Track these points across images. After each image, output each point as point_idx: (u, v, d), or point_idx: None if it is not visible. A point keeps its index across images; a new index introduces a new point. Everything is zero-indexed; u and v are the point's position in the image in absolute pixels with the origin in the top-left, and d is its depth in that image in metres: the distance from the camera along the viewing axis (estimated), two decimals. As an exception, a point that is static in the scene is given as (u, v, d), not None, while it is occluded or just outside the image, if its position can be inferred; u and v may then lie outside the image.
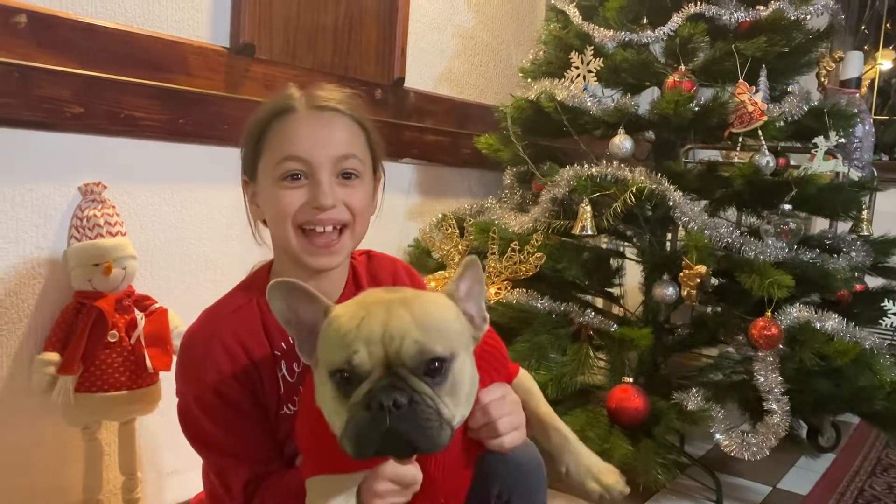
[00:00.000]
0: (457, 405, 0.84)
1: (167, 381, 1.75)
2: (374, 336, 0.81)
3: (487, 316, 0.95)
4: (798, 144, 2.35)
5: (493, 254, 2.21)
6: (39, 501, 1.66)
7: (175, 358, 1.74)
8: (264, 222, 1.18)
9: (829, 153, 2.16)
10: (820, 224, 3.03)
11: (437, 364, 0.81)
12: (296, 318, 0.92)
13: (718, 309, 2.31)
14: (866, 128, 2.45)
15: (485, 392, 0.97)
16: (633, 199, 2.05)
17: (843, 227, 2.55)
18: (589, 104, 2.23)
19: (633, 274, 2.60)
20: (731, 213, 2.56)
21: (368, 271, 1.21)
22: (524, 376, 1.09)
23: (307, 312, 0.91)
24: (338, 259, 1.11)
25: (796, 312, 2.04)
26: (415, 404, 0.79)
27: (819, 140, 2.13)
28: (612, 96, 2.33)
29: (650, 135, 2.49)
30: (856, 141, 2.42)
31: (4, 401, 1.59)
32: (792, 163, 2.50)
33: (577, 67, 2.27)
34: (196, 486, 1.95)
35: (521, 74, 2.58)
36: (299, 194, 1.07)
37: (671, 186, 2.08)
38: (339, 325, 0.85)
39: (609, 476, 0.94)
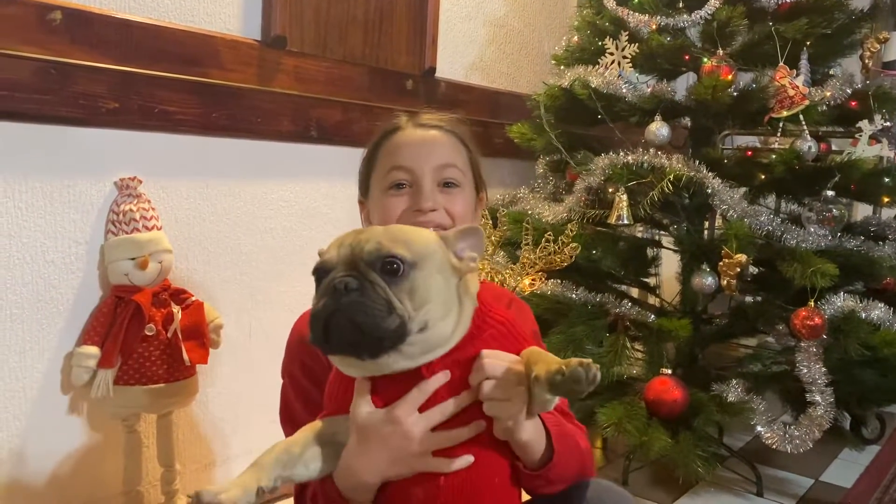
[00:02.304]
0: (416, 308, 0.85)
1: (204, 374, 1.77)
2: (346, 241, 0.89)
3: (477, 257, 0.95)
4: (841, 129, 2.29)
5: (527, 244, 2.17)
6: (81, 492, 1.69)
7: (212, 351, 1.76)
8: None
9: (874, 137, 2.10)
10: (863, 210, 2.95)
11: (395, 264, 0.86)
12: None
13: (758, 298, 2.27)
14: (912, 111, 2.37)
15: (489, 353, 0.92)
16: (671, 187, 2.01)
17: (888, 213, 2.48)
18: (624, 91, 2.19)
19: (669, 263, 2.56)
20: (771, 200, 2.50)
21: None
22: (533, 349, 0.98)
23: None
24: None
25: (840, 302, 1.99)
26: (365, 289, 0.84)
27: (863, 124, 2.08)
28: (647, 82, 2.29)
29: (687, 121, 2.44)
30: (901, 124, 2.35)
31: (46, 393, 1.62)
32: (834, 148, 2.43)
33: (612, 53, 2.23)
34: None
35: (553, 62, 2.54)
36: (403, 200, 1.14)
37: (709, 174, 2.04)
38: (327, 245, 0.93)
39: (577, 361, 0.82)
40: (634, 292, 2.67)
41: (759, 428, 1.98)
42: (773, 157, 2.11)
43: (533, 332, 1.18)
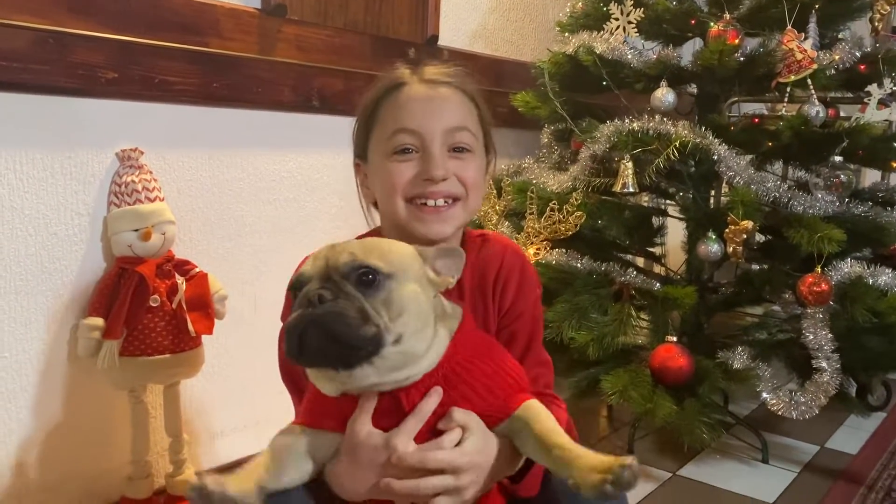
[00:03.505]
0: (394, 320, 0.84)
1: (209, 344, 1.77)
2: (321, 255, 0.89)
3: (454, 279, 0.94)
4: (849, 94, 2.26)
5: (532, 214, 2.17)
6: (89, 462, 1.70)
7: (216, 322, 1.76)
8: (376, 206, 1.15)
9: (882, 102, 2.07)
10: (871, 176, 2.93)
11: (370, 276, 0.85)
12: None
13: (765, 266, 2.26)
14: (922, 75, 2.34)
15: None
16: (676, 155, 1.99)
17: (897, 179, 2.45)
18: (629, 57, 2.17)
19: (674, 232, 2.55)
20: (778, 167, 2.48)
21: (478, 258, 1.11)
22: (532, 405, 0.94)
23: None
24: (448, 228, 1.06)
25: (847, 268, 1.98)
26: (339, 299, 0.83)
27: (872, 88, 2.05)
28: (653, 48, 2.26)
29: (693, 88, 2.41)
30: (911, 89, 2.31)
31: (51, 365, 1.62)
32: (842, 114, 2.41)
33: (617, 19, 2.20)
34: (241, 447, 1.99)
35: (557, 28, 2.50)
36: (410, 167, 1.04)
37: (716, 140, 2.02)
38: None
39: (615, 461, 0.79)
40: (640, 261, 2.66)
41: (764, 395, 1.98)
42: (781, 123, 2.09)
43: (537, 297, 1.13)
